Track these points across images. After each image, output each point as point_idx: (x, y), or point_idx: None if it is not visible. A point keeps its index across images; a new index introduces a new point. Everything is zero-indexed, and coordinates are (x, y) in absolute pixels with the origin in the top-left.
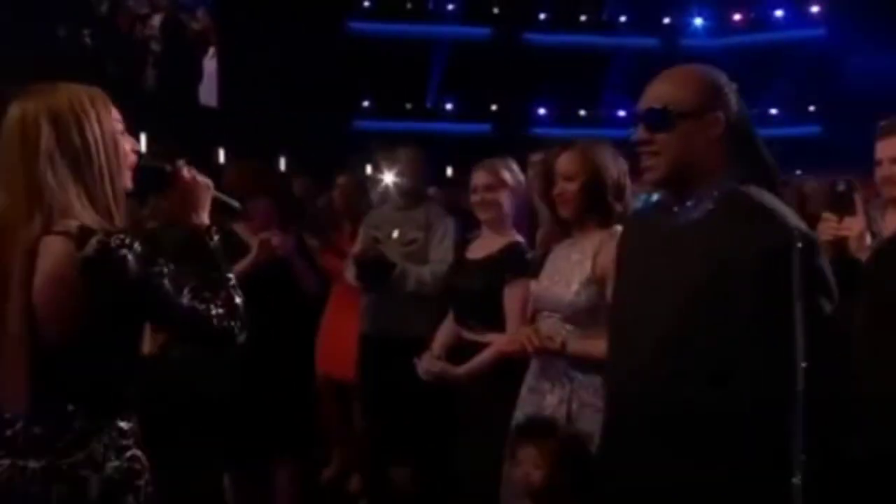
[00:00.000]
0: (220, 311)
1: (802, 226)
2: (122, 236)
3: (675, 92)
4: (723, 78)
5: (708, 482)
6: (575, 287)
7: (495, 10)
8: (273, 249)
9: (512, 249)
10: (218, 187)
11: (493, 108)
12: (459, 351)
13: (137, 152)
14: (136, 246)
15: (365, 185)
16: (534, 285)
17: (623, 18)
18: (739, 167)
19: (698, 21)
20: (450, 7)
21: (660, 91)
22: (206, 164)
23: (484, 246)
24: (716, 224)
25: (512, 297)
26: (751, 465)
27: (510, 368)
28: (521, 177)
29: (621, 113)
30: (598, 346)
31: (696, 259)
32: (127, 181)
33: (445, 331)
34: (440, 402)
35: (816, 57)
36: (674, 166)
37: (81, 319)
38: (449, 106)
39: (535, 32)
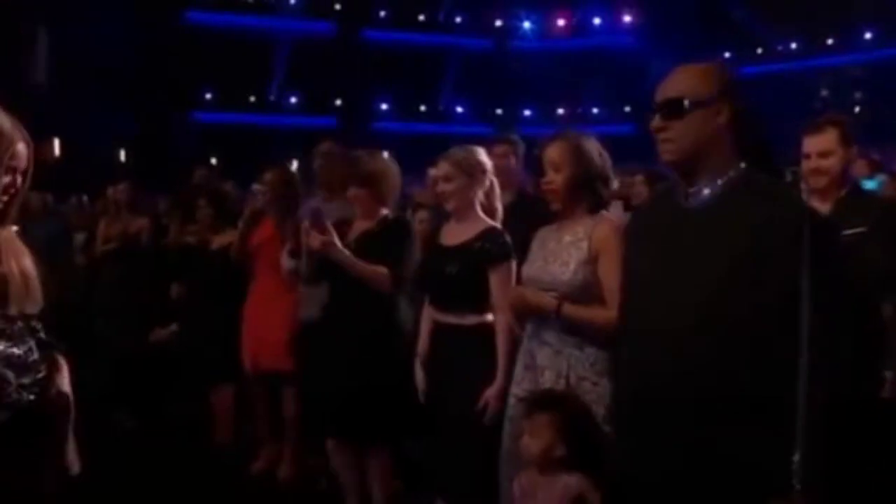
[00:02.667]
0: None
1: (806, 204)
2: None
3: (689, 84)
4: (733, 74)
5: (739, 446)
6: (573, 266)
7: (337, 7)
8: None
9: (491, 234)
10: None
11: (337, 102)
12: (438, 334)
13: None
14: None
15: (294, 180)
16: (525, 268)
17: (458, 20)
18: (745, 155)
19: (526, 24)
20: (291, 1)
21: (677, 83)
22: (39, 155)
23: (458, 232)
24: (732, 204)
25: (500, 280)
26: (785, 429)
27: (477, 351)
28: (489, 165)
29: (459, 109)
30: (589, 311)
31: (716, 235)
32: None
33: (426, 325)
34: (386, 388)
35: (629, 62)
36: (686, 149)
37: None
38: (293, 100)
39: (376, 30)
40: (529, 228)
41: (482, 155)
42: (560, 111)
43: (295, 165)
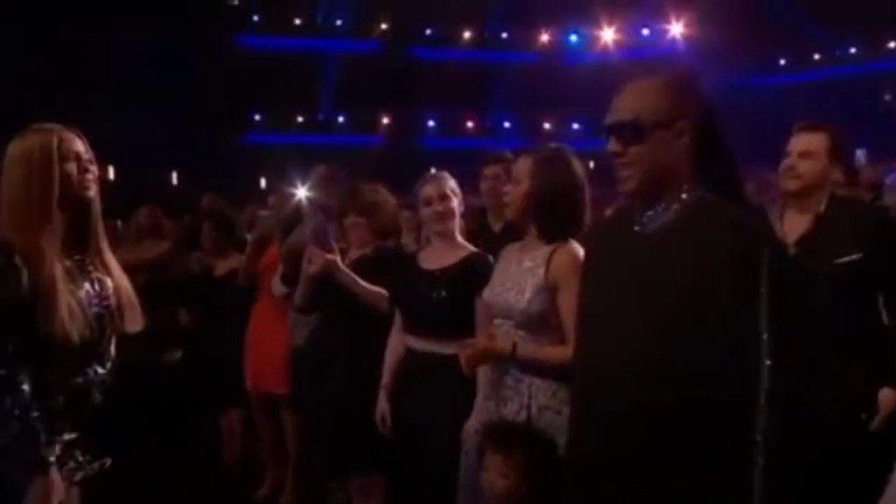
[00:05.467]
0: None
1: (768, 231)
2: None
3: (645, 103)
4: (691, 85)
5: (678, 470)
6: (528, 295)
7: (383, 26)
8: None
9: (477, 261)
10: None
11: (385, 120)
12: (414, 362)
13: None
14: None
15: (299, 205)
16: (485, 291)
17: (504, 35)
18: (707, 173)
19: (573, 38)
20: (338, 22)
21: (630, 102)
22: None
23: (439, 256)
24: (684, 231)
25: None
26: (717, 457)
27: (458, 380)
28: (458, 189)
29: (507, 124)
30: (545, 351)
31: (666, 264)
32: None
33: (394, 351)
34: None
35: (680, 71)
36: (647, 176)
37: None
38: (341, 119)
39: (422, 47)
40: None
41: (453, 181)
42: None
43: None
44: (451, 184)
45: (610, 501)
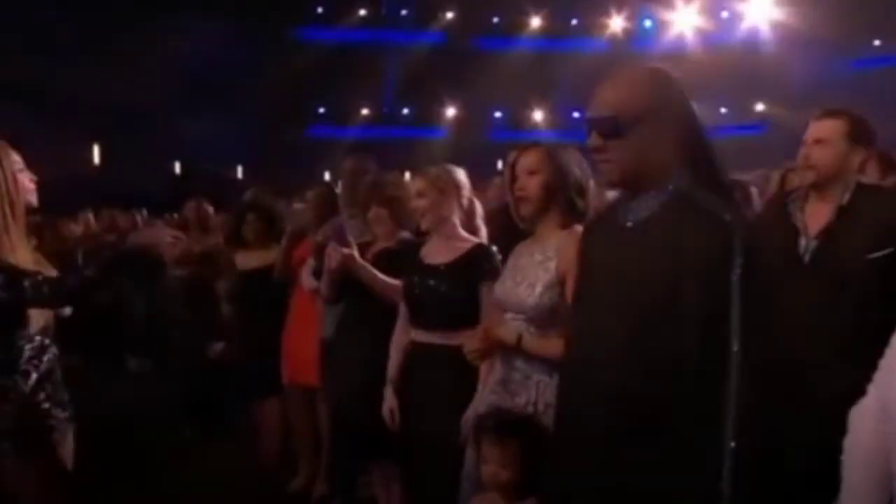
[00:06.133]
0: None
1: (744, 227)
2: None
3: (625, 97)
4: (671, 77)
5: (651, 470)
6: (539, 289)
7: (448, 16)
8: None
9: (482, 253)
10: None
11: (450, 112)
12: (420, 354)
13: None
14: None
15: (335, 198)
16: (497, 286)
17: (574, 22)
18: (689, 166)
19: (647, 24)
20: (403, 13)
21: (610, 97)
22: (163, 176)
23: (441, 250)
24: (663, 225)
25: (490, 299)
26: (689, 451)
27: (464, 372)
28: (465, 183)
29: (575, 114)
30: (551, 344)
31: (644, 258)
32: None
33: (399, 346)
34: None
35: (762, 56)
36: (628, 170)
37: None
38: (405, 111)
39: (487, 37)
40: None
41: (459, 174)
42: None
43: (408, 176)
44: (441, 179)
45: (585, 489)
